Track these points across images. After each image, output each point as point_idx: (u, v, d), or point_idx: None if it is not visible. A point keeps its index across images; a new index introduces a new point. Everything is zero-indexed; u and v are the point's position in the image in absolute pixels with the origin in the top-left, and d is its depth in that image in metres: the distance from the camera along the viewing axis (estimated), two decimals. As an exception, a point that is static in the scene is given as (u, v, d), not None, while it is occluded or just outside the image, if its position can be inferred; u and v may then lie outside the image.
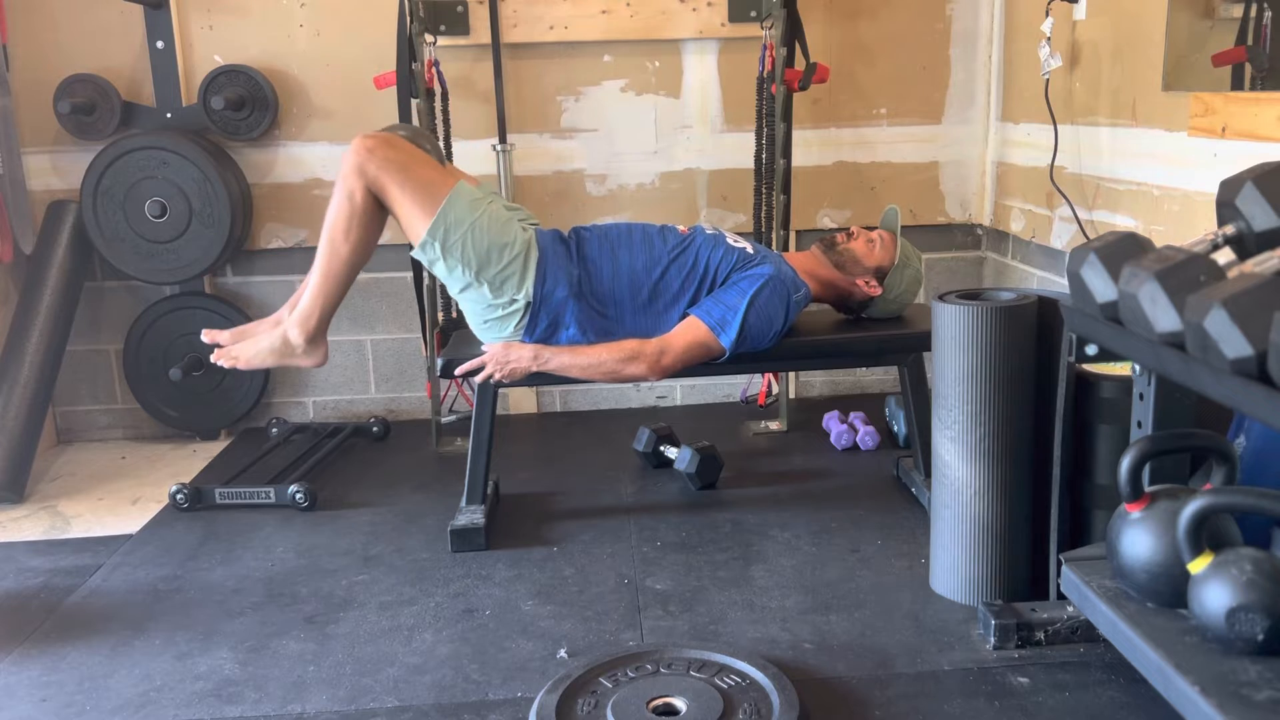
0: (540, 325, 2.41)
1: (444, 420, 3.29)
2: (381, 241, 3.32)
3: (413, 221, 2.32)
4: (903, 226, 2.73)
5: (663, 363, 2.38)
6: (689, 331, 2.41)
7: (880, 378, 3.63)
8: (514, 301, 2.38)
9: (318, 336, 2.42)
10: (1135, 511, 1.61)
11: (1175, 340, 1.37)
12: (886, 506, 2.63)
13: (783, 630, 2.03)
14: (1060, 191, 2.80)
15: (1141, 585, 1.60)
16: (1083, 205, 2.74)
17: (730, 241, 2.52)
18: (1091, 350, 1.72)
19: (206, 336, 2.46)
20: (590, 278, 2.43)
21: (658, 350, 2.39)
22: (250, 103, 3.20)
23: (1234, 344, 1.23)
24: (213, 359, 2.43)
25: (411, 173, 2.31)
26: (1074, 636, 1.91)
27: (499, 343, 2.44)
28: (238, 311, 3.35)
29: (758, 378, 3.46)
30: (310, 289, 2.39)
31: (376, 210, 2.33)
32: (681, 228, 2.56)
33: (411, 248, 2.37)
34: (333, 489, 2.89)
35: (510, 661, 1.95)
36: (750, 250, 2.51)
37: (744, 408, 3.52)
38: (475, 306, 2.42)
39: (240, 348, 2.43)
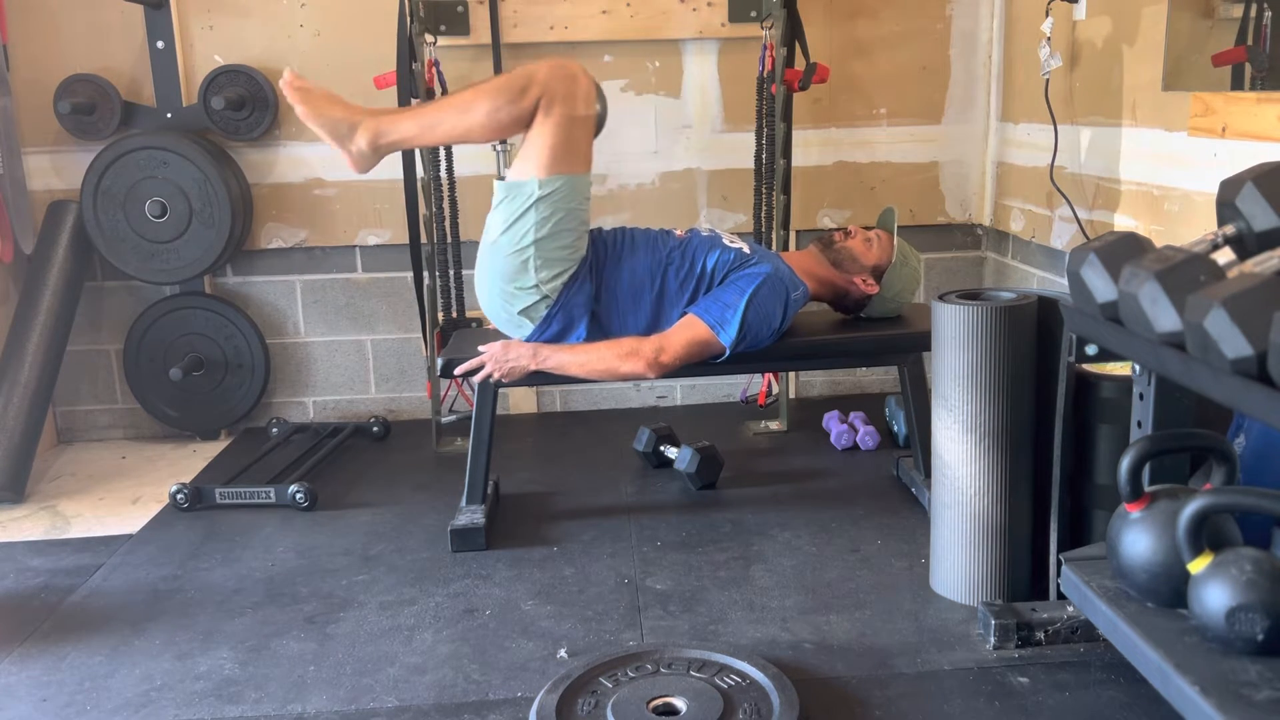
0: (553, 327, 2.41)
1: (444, 420, 3.30)
2: (381, 242, 3.37)
3: (538, 158, 2.28)
4: (903, 226, 2.74)
5: (661, 360, 2.38)
6: (688, 330, 2.41)
7: (880, 378, 3.63)
8: (538, 288, 2.37)
9: (381, 151, 2.35)
10: (1135, 511, 1.61)
11: (1175, 340, 1.37)
12: (886, 506, 2.63)
13: (783, 630, 2.03)
14: (1060, 191, 2.80)
15: (1141, 585, 1.60)
16: (1083, 205, 2.74)
17: (727, 242, 2.52)
18: (1091, 350, 1.72)
19: (288, 73, 2.32)
20: (600, 287, 2.43)
21: (656, 348, 2.38)
22: (250, 103, 3.20)
23: (1234, 344, 1.23)
24: (283, 82, 2.30)
25: (577, 125, 2.28)
26: (1074, 636, 1.91)
27: (498, 342, 2.44)
28: (238, 311, 3.35)
29: (758, 378, 3.46)
30: (412, 118, 2.32)
31: (528, 118, 2.27)
32: (679, 232, 2.56)
33: (501, 179, 2.33)
34: (333, 489, 2.89)
35: (510, 661, 1.95)
36: (747, 250, 2.51)
37: (744, 408, 3.52)
38: (502, 262, 2.36)
39: (316, 92, 2.33)
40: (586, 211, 2.39)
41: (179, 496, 2.75)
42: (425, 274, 3.04)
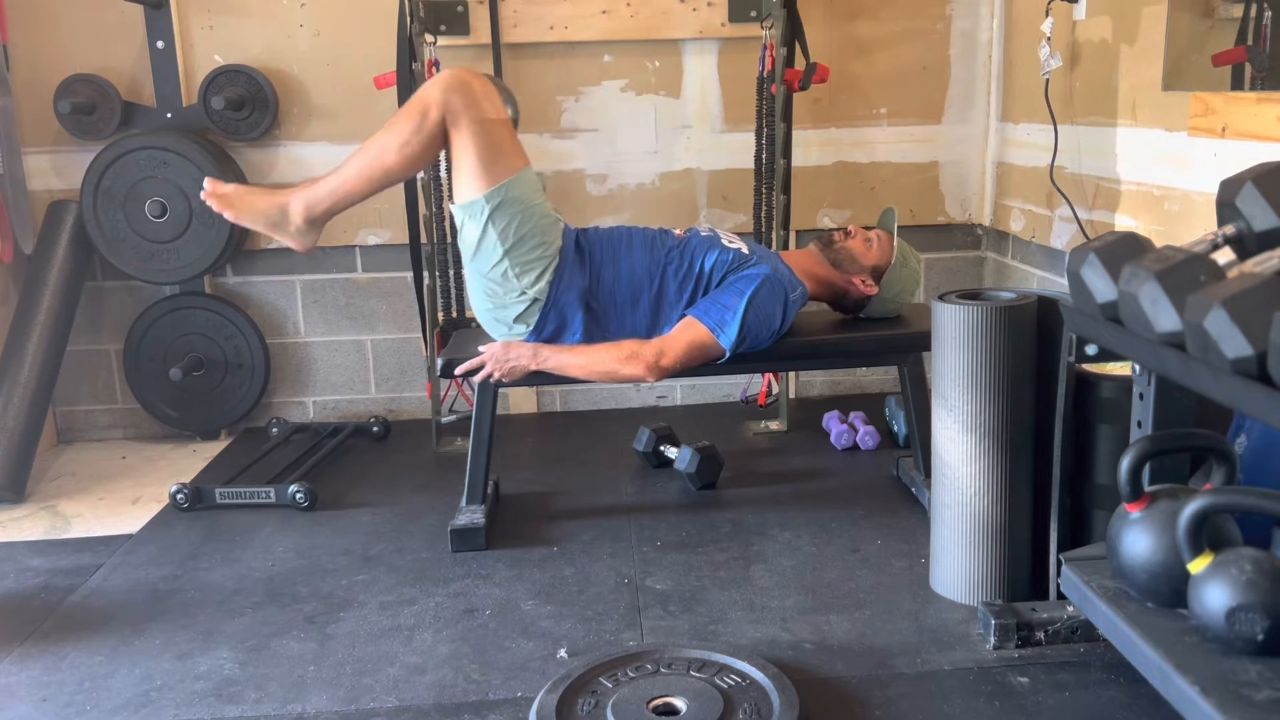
0: (548, 327, 2.41)
1: (444, 420, 3.29)
2: (381, 242, 3.37)
3: (471, 174, 2.26)
4: (902, 226, 2.73)
5: (661, 363, 2.38)
6: (688, 332, 2.40)
7: (880, 378, 3.63)
8: (524, 294, 2.37)
9: (317, 224, 2.34)
10: (1135, 511, 1.61)
11: (1175, 340, 1.37)
12: (886, 506, 2.63)
13: (783, 630, 2.03)
14: (1060, 191, 2.80)
15: (1141, 585, 1.60)
16: (1083, 205, 2.74)
17: (725, 242, 2.52)
18: (1091, 350, 1.72)
19: (209, 183, 2.32)
20: (596, 285, 2.43)
21: (656, 351, 2.38)
22: (250, 103, 3.20)
23: (1234, 344, 1.23)
24: (203, 195, 2.30)
25: (491, 128, 2.25)
26: (1074, 636, 1.91)
27: (498, 342, 2.44)
28: (238, 311, 3.35)
29: (758, 378, 3.46)
30: (333, 179, 2.30)
31: (439, 139, 2.26)
32: (678, 231, 2.56)
33: (450, 200, 2.31)
34: (333, 489, 2.89)
35: (510, 661, 1.95)
36: (745, 250, 2.51)
37: (744, 408, 3.52)
38: (484, 282, 2.38)
39: (237, 194, 2.32)
40: (543, 202, 2.37)
41: (179, 496, 2.75)
42: (425, 274, 3.04)
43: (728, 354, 2.40)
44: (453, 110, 2.22)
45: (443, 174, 3.11)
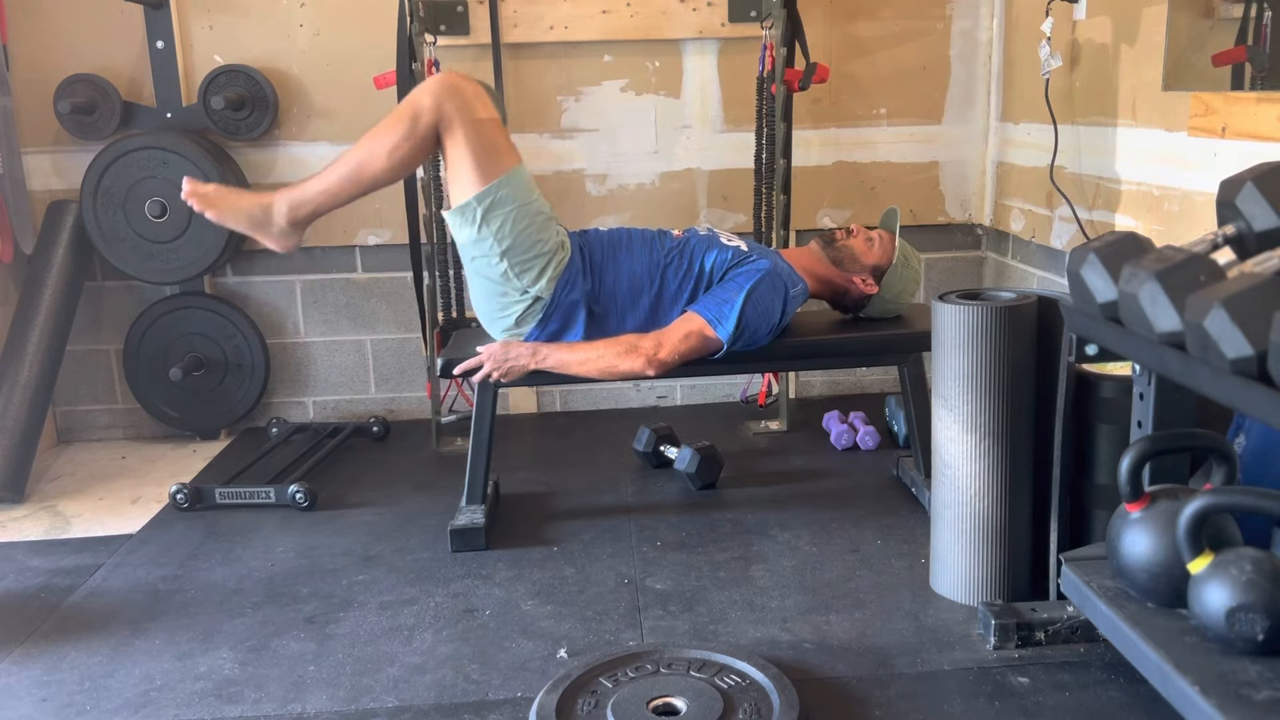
0: (551, 327, 2.41)
1: (444, 420, 3.30)
2: (380, 242, 3.37)
3: (465, 177, 2.27)
4: (903, 226, 2.73)
5: (659, 356, 2.38)
6: (685, 325, 2.40)
7: (880, 378, 3.63)
8: (526, 293, 2.37)
9: (301, 225, 2.34)
10: (1135, 511, 1.61)
11: (1175, 340, 1.37)
12: (886, 506, 2.63)
13: (783, 630, 2.03)
14: (1060, 191, 2.80)
15: (1141, 585, 1.60)
16: (1083, 205, 2.74)
17: (725, 241, 2.52)
18: (1091, 350, 1.72)
19: (188, 183, 2.31)
20: (598, 287, 2.43)
21: (654, 344, 2.38)
22: (250, 103, 3.20)
23: (1234, 344, 1.23)
24: (184, 195, 2.29)
25: (485, 129, 2.26)
26: (1074, 636, 1.91)
27: (497, 342, 2.44)
28: (238, 311, 3.35)
29: (758, 378, 3.46)
30: (320, 181, 2.30)
31: (430, 144, 2.26)
32: (676, 232, 2.57)
33: (446, 207, 2.32)
34: (333, 489, 2.89)
35: (510, 661, 1.95)
36: (745, 248, 2.51)
37: (744, 408, 3.52)
38: (484, 282, 2.38)
39: (219, 194, 2.33)
40: (538, 199, 2.36)
41: (179, 496, 2.75)
42: (425, 274, 3.04)
43: (725, 347, 2.40)
44: (446, 115, 2.23)
45: (442, 174, 3.10)
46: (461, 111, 2.23)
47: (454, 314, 3.20)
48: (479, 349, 2.45)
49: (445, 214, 2.36)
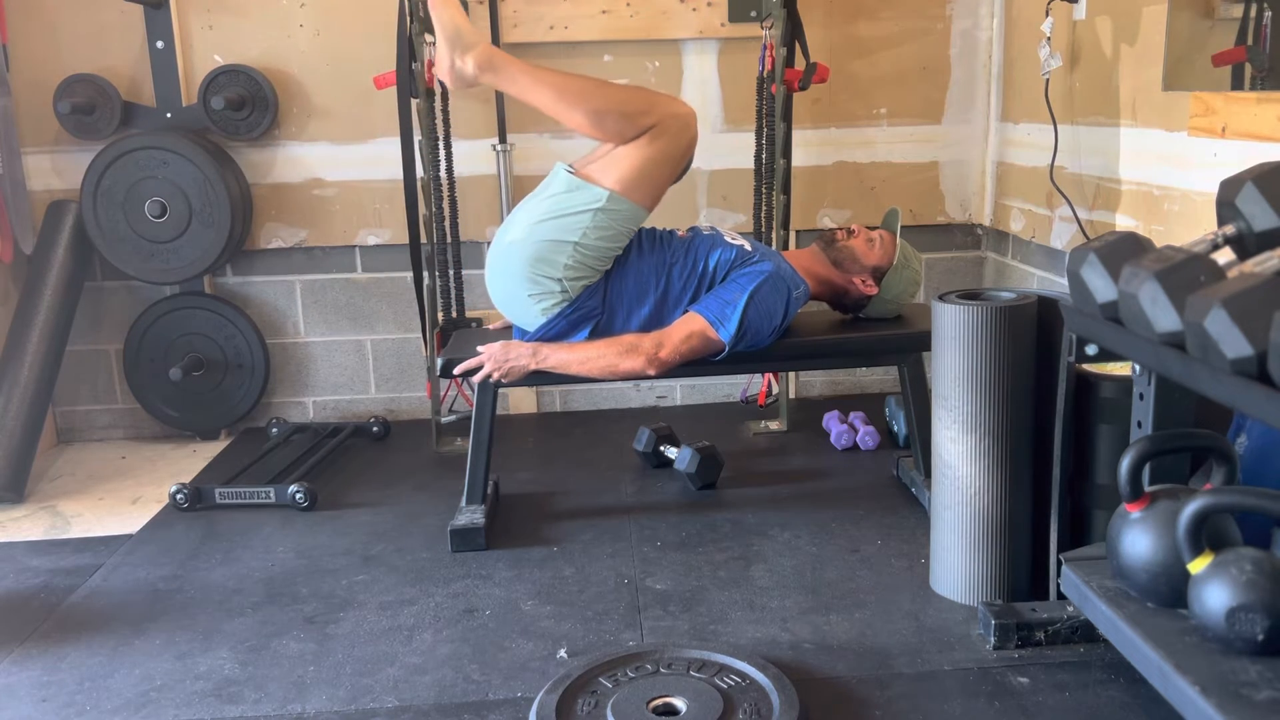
0: (561, 324, 2.42)
1: (444, 420, 3.29)
2: (381, 242, 3.37)
3: (621, 173, 2.35)
4: (903, 226, 2.73)
5: (660, 356, 2.38)
6: (687, 325, 2.41)
7: (880, 378, 3.63)
8: (560, 281, 2.38)
9: (478, 81, 2.38)
10: (1135, 511, 1.61)
11: (1175, 340, 1.37)
12: (886, 506, 2.63)
13: (783, 630, 2.03)
14: (1060, 191, 2.80)
15: (1141, 585, 1.60)
16: (1083, 205, 2.74)
17: (728, 239, 2.52)
18: (1091, 350, 1.72)
19: None
20: (607, 288, 2.44)
21: (655, 344, 2.38)
22: (250, 103, 3.20)
23: (1234, 344, 1.23)
24: None
25: (667, 163, 2.39)
26: (1074, 636, 1.91)
27: (498, 342, 2.44)
28: (238, 311, 3.35)
29: (758, 378, 3.46)
30: (527, 70, 2.36)
31: (625, 137, 2.35)
32: (680, 231, 2.57)
33: (569, 169, 2.39)
34: (333, 489, 2.89)
35: (510, 661, 1.95)
36: (748, 247, 2.51)
37: (744, 408, 3.52)
38: (534, 247, 2.37)
39: None
40: (628, 241, 2.44)
41: (179, 496, 2.75)
42: (425, 274, 3.04)
43: (727, 349, 2.40)
44: (664, 129, 2.35)
45: (443, 175, 3.11)
46: (675, 138, 2.36)
47: (454, 314, 3.20)
48: (479, 349, 2.45)
49: (568, 172, 2.40)
